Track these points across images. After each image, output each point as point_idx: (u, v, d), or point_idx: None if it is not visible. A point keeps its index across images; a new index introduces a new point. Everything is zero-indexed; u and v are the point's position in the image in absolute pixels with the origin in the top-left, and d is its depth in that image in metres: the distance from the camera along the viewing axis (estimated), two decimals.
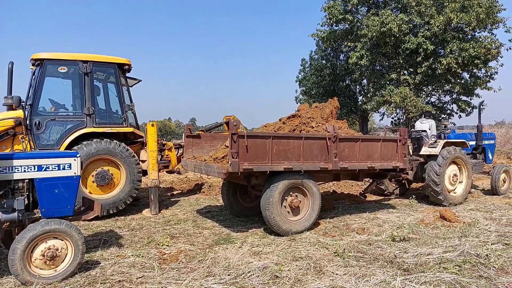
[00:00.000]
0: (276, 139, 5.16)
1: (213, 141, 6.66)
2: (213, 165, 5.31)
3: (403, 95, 22.83)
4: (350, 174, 6.41)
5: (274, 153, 5.12)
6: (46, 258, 3.52)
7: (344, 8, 25.67)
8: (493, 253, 4.24)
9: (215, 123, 8.69)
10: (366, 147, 5.98)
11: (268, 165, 5.07)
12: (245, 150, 4.90)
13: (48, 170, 3.67)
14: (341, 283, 3.52)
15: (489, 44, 22.04)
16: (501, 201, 7.50)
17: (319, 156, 5.51)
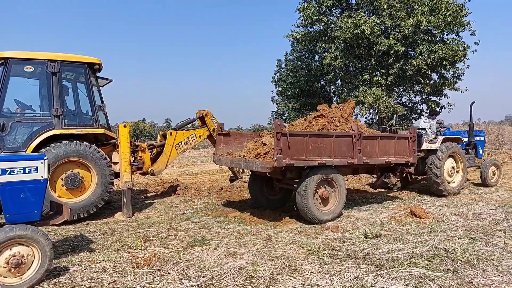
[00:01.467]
0: (312, 137, 5.78)
1: (240, 139, 7.27)
2: (256, 161, 5.82)
3: (376, 96, 23.41)
4: (366, 168, 7.08)
5: (310, 149, 5.71)
6: (11, 265, 3.37)
7: (319, 10, 26.04)
8: (460, 247, 4.41)
9: (187, 119, 8.56)
10: (383, 144, 6.72)
11: (306, 160, 5.66)
12: (287, 147, 5.43)
13: (12, 174, 3.51)
14: (316, 281, 3.56)
15: (457, 46, 22.95)
16: (468, 197, 7.80)
17: (346, 152, 6.16)
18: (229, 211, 6.85)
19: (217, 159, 6.85)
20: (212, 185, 9.41)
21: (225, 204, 7.55)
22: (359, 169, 6.98)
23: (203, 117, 8.75)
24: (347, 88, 26.81)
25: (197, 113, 8.94)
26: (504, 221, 5.61)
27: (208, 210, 7.00)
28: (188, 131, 8.40)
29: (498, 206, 6.73)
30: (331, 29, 25.91)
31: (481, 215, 6.08)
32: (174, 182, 10.03)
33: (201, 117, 8.79)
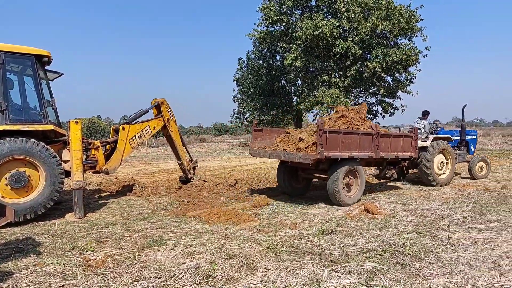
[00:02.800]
0: (344, 134, 7.01)
1: (270, 134, 8.25)
2: (298, 153, 6.79)
3: (334, 96, 24.10)
4: (377, 161, 8.46)
5: (342, 145, 6.92)
6: None
7: (280, 10, 26.34)
8: (409, 241, 4.64)
9: (140, 111, 8.22)
10: (394, 141, 8.09)
11: (339, 153, 6.87)
12: (326, 142, 6.57)
13: None
14: (273, 278, 3.60)
15: (409, 51, 24.15)
16: (417, 194, 8.23)
17: (368, 147, 7.43)
18: (188, 210, 6.74)
19: (254, 152, 7.90)
20: (170, 184, 9.22)
21: (183, 203, 7.43)
22: (372, 162, 8.40)
23: (159, 106, 8.50)
24: (307, 89, 27.36)
25: (152, 101, 8.65)
26: (448, 216, 5.99)
27: (166, 209, 6.85)
28: (142, 123, 8.10)
29: (443, 203, 7.17)
30: (292, 29, 26.33)
31: (428, 210, 6.46)
32: (130, 181, 9.71)
33: (156, 106, 8.52)
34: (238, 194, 8.41)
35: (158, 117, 8.52)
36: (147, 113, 8.40)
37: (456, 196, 7.90)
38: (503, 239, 4.78)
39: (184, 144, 9.42)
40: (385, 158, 8.00)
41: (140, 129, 7.97)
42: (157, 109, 8.56)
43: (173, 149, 9.23)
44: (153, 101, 8.66)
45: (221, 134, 71.38)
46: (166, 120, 8.59)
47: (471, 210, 6.41)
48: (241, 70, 37.83)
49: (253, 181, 10.05)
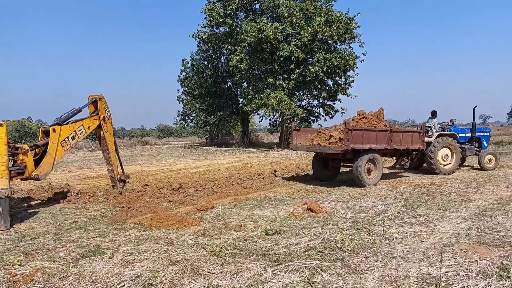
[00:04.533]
0: (365, 131, 9.39)
1: (306, 133, 10.80)
2: (330, 146, 9.31)
3: (279, 99, 24.62)
4: (392, 152, 10.68)
5: (364, 139, 9.24)
6: None
7: (224, 12, 26.36)
8: (348, 237, 4.86)
9: (73, 110, 7.61)
10: (405, 136, 10.27)
11: (361, 145, 9.18)
12: (351, 137, 8.89)
13: None
14: (217, 282, 3.56)
15: (348, 56, 25.45)
16: (356, 192, 8.66)
17: (383, 141, 9.70)
18: (128, 216, 6.45)
19: (294, 147, 10.56)
20: (109, 190, 8.75)
21: (123, 209, 7.10)
22: (387, 153, 10.58)
23: (96, 102, 8.00)
24: (253, 91, 27.68)
25: (89, 97, 8.09)
26: (383, 212, 6.38)
27: (104, 216, 6.49)
28: (75, 123, 7.51)
29: (379, 199, 7.62)
30: (236, 32, 26.47)
31: (366, 207, 6.82)
32: (64, 187, 9.08)
33: (94, 102, 8.00)
34: (182, 198, 8.23)
35: (94, 115, 7.99)
36: (81, 112, 7.79)
37: (390, 193, 8.43)
38: (431, 232, 5.18)
39: (118, 151, 8.89)
40: (397, 150, 10.26)
41: (73, 130, 7.40)
42: (94, 106, 8.02)
43: (104, 153, 8.63)
44: (90, 97, 8.08)
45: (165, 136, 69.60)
46: (102, 118, 8.08)
47: (403, 206, 6.89)
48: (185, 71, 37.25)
49: (199, 184, 9.91)
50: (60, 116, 7.42)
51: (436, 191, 8.51)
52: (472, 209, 6.62)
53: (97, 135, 8.55)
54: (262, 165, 15.62)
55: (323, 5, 26.02)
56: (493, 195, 8.05)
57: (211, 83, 34.12)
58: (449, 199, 7.62)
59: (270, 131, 34.10)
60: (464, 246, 4.53)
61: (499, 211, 6.45)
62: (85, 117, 7.86)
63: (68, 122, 7.47)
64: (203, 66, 34.78)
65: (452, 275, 3.65)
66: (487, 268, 3.80)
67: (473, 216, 6.08)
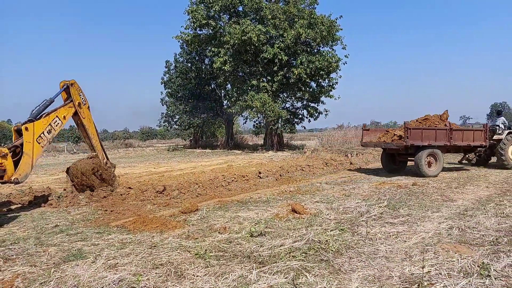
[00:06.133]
0: (424, 130, 11.26)
1: (374, 132, 12.99)
2: (393, 143, 11.38)
3: (263, 101, 24.69)
4: (455, 148, 12.40)
5: (423, 136, 11.12)
6: None
7: (207, 14, 26.28)
8: (332, 238, 4.92)
9: (44, 102, 7.16)
10: (466, 133, 11.88)
11: (420, 142, 11.05)
12: (410, 135, 10.82)
13: None
14: (201, 284, 3.56)
15: (330, 58, 25.71)
16: (340, 193, 8.76)
17: (443, 138, 11.42)
18: (111, 220, 6.37)
19: (364, 144, 12.72)
20: (92, 193, 8.60)
21: (106, 212, 6.99)
22: (450, 149, 12.25)
23: (68, 88, 7.57)
24: (237, 93, 27.65)
25: (60, 83, 7.61)
26: (366, 213, 6.48)
27: (87, 220, 6.38)
28: (48, 116, 7.12)
29: (362, 200, 7.74)
30: (220, 33, 26.42)
31: (349, 208, 6.92)
32: (46, 191, 8.88)
33: (66, 88, 7.57)
34: (166, 200, 8.17)
35: (68, 103, 7.55)
36: (54, 102, 7.34)
37: (373, 193, 8.57)
38: (413, 232, 5.28)
39: (99, 138, 8.51)
40: (459, 146, 11.95)
41: (48, 123, 7.01)
42: (67, 92, 7.58)
43: (86, 139, 8.27)
44: (61, 83, 7.61)
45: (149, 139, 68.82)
46: (77, 104, 7.67)
47: (386, 206, 7.02)
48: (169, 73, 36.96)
49: (183, 186, 9.84)
50: (32, 111, 7.01)
51: (418, 192, 8.69)
52: (453, 209, 6.77)
53: (76, 123, 8.16)
54: (246, 167, 15.62)
55: (306, 7, 26.26)
56: (473, 195, 8.28)
57: (194, 85, 33.94)
58: (431, 199, 7.79)
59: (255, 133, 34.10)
60: (446, 246, 4.63)
61: (479, 210, 6.64)
62: (58, 106, 7.45)
63: (42, 115, 7.09)
64: (187, 68, 34.58)
65: (434, 274, 3.74)
66: (468, 267, 3.90)
67: (454, 216, 6.23)
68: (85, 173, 8.12)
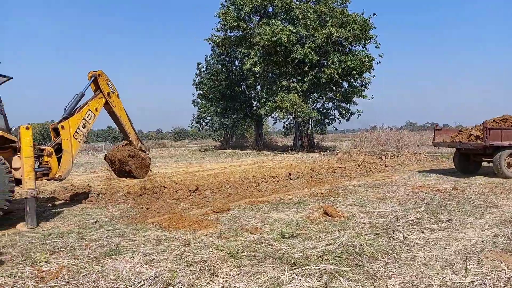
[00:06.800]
0: (504, 130, 10.98)
1: (447, 132, 12.72)
2: (470, 143, 11.23)
3: (293, 101, 24.58)
4: None
5: (503, 136, 10.86)
6: None
7: (238, 16, 26.48)
8: (366, 242, 4.81)
9: (75, 97, 7.30)
10: None
11: (500, 142, 10.83)
12: (489, 135, 10.59)
13: None
14: (234, 283, 3.60)
15: (364, 58, 25.18)
16: (374, 196, 8.58)
17: None
18: (147, 217, 6.58)
19: (436, 144, 12.59)
20: (129, 191, 8.93)
21: (142, 210, 7.23)
22: None
23: (96, 79, 7.65)
24: (266, 94, 27.71)
25: (88, 74, 7.67)
26: (403, 217, 6.27)
27: (124, 217, 6.64)
28: (81, 111, 7.22)
29: (398, 204, 7.51)
30: (250, 35, 26.56)
31: (384, 212, 6.74)
32: (86, 188, 9.31)
33: (94, 80, 7.66)
34: (198, 199, 8.33)
35: (97, 94, 7.65)
36: (84, 95, 7.48)
37: (410, 197, 8.29)
38: (454, 238, 5.04)
39: (132, 124, 8.60)
40: None
41: (82, 118, 7.15)
42: (95, 84, 7.67)
43: (119, 126, 8.41)
44: (89, 74, 7.66)
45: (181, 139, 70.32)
46: (106, 94, 7.75)
47: (424, 211, 6.74)
48: (200, 75, 37.60)
49: (214, 186, 9.99)
50: (65, 107, 7.20)
51: (459, 197, 8.28)
52: (499, 216, 6.37)
53: (108, 112, 8.28)
54: (276, 168, 15.63)
55: (338, 6, 25.87)
56: None
57: (225, 87, 34.32)
58: (473, 204, 7.37)
59: (284, 134, 34.04)
60: (491, 254, 4.37)
61: None
62: (89, 99, 7.56)
63: (75, 111, 7.25)
64: (217, 69, 35.03)
65: (478, 285, 3.53)
66: None
67: (499, 223, 5.86)
68: (122, 159, 8.40)
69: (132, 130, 8.70)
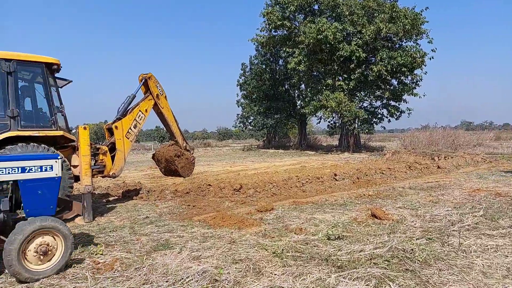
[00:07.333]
0: None
1: None
2: None
3: (338, 100, 24.06)
4: None
5: None
6: (39, 253, 3.65)
7: (282, 15, 26.41)
8: (418, 247, 4.59)
9: (127, 98, 7.69)
10: None
11: None
12: None
13: (31, 172, 3.82)
14: (279, 283, 3.59)
15: (415, 53, 24.04)
16: (426, 199, 8.15)
17: None
18: (193, 214, 6.76)
19: None
20: (176, 189, 9.24)
21: (189, 207, 7.45)
22: None
23: (147, 82, 8.05)
24: (311, 92, 27.36)
25: (139, 77, 8.11)
26: (459, 222, 5.88)
27: (172, 213, 6.88)
28: (132, 112, 7.66)
29: (453, 208, 7.06)
30: (295, 34, 26.39)
31: (438, 216, 6.36)
32: (137, 185, 9.76)
33: (144, 82, 8.05)
34: (243, 198, 8.42)
35: (147, 96, 8.03)
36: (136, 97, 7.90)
37: (466, 201, 7.77)
38: None
39: (178, 125, 8.93)
40: None
41: (133, 118, 7.58)
42: (145, 86, 8.06)
43: (166, 127, 8.80)
44: (140, 76, 8.10)
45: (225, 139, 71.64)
46: (155, 96, 8.14)
47: (483, 216, 6.29)
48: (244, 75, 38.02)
49: (258, 185, 10.04)
50: (118, 109, 7.61)
51: None
52: None
53: (156, 113, 8.66)
54: (321, 168, 15.38)
55: (387, 1, 24.90)
56: None
57: (269, 86, 34.40)
58: None
59: (329, 133, 33.38)
60: None
61: None
62: (139, 101, 7.93)
63: (127, 112, 7.65)
64: (261, 69, 35.19)
65: None
66: None
67: None
68: (168, 159, 8.78)
69: (178, 130, 9.01)
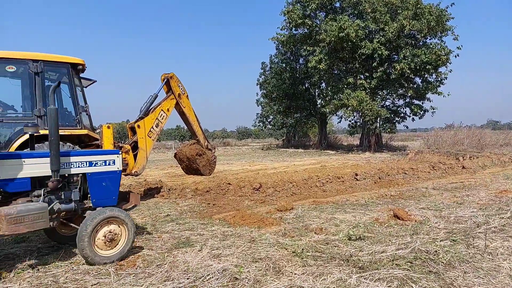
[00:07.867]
0: None
1: None
2: None
3: (360, 99, 23.71)
4: None
5: None
6: (106, 239, 4.05)
7: (303, 13, 26.24)
8: (442, 249, 4.47)
9: (150, 98, 7.76)
10: None
11: None
12: None
13: (97, 166, 4.26)
14: (299, 283, 3.57)
15: (439, 51, 23.38)
16: (450, 200, 7.94)
17: None
18: (214, 213, 6.82)
19: None
20: (197, 187, 9.34)
21: (209, 206, 7.52)
22: None
23: (168, 81, 8.13)
24: (331, 91, 27.05)
25: (161, 76, 8.20)
26: (485, 224, 5.71)
27: (193, 212, 6.96)
28: (155, 110, 7.74)
29: (479, 209, 6.85)
30: (315, 32, 26.17)
31: (463, 217, 6.19)
32: (158, 183, 9.93)
33: (166, 82, 8.14)
34: (262, 197, 8.42)
35: (169, 95, 8.14)
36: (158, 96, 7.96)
37: (492, 202, 7.52)
38: None
39: (200, 124, 9.02)
40: None
41: (155, 117, 7.68)
42: (167, 85, 8.16)
43: (188, 126, 8.90)
44: (162, 76, 8.19)
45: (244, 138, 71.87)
46: (177, 95, 8.21)
47: (510, 218, 6.07)
48: (264, 74, 38.00)
49: (277, 184, 10.02)
50: (141, 108, 7.71)
51: None
52: None
53: (178, 112, 8.75)
54: (341, 168, 15.20)
55: None
56: None
57: (289, 85, 34.23)
58: None
59: (350, 132, 32.91)
60: None
61: None
62: (161, 100, 8.03)
63: (149, 111, 7.75)
64: (281, 68, 35.07)
65: None
66: None
67: None
68: (190, 157, 8.88)
69: (200, 130, 9.10)
